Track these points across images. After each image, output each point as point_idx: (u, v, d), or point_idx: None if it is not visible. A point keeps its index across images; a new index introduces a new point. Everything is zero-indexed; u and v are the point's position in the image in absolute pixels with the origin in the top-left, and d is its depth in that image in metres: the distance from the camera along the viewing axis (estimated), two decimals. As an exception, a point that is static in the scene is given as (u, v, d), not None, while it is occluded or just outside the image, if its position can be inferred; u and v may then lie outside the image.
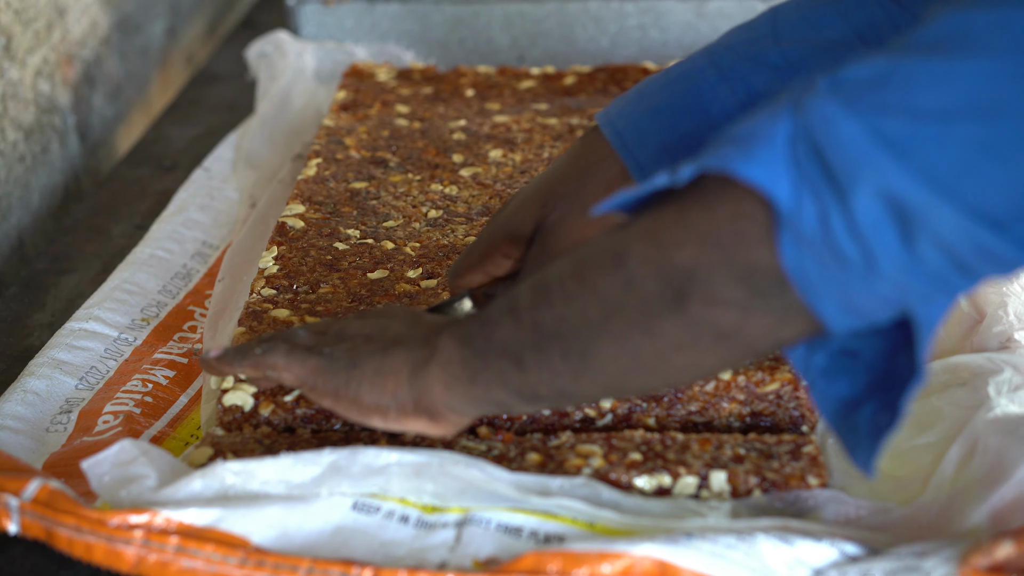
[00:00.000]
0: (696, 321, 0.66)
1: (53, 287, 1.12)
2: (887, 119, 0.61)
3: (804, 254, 0.63)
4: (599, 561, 0.73)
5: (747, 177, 0.63)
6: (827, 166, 0.62)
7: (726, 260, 0.65)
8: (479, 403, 0.75)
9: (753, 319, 0.66)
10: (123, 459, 0.80)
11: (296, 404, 0.87)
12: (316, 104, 1.31)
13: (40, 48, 1.29)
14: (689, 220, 0.66)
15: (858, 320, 0.66)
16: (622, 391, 0.77)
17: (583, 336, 0.69)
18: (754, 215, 0.64)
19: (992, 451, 0.79)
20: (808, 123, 0.63)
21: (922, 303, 0.65)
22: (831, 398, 0.72)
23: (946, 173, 0.61)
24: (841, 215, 0.62)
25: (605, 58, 1.36)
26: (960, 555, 0.72)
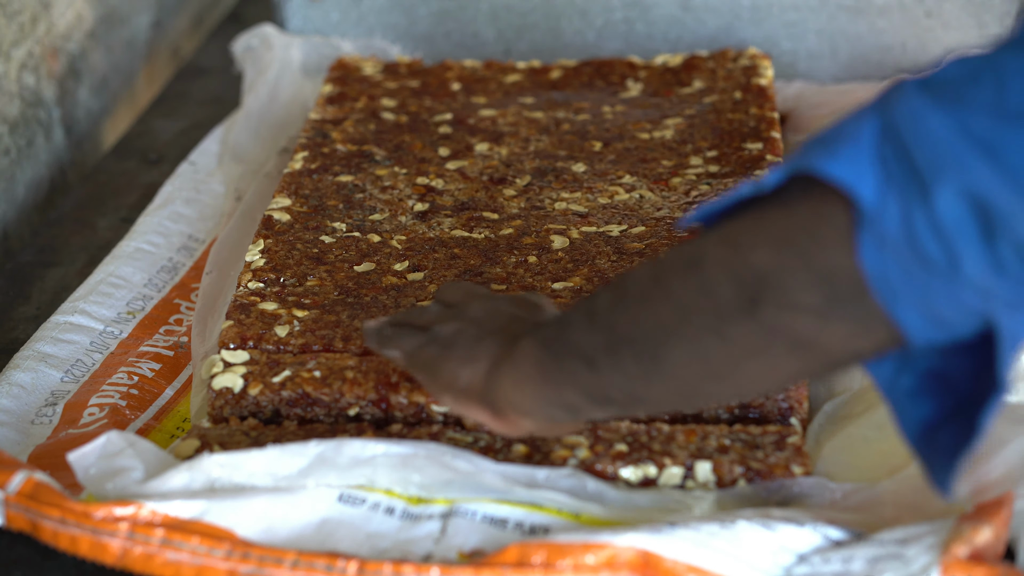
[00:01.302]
0: (770, 327, 0.64)
1: (38, 280, 1.11)
2: (976, 115, 0.59)
3: (886, 256, 0.61)
4: (583, 552, 0.73)
5: (830, 175, 0.61)
6: (912, 162, 0.60)
7: (803, 263, 0.63)
8: (549, 404, 0.73)
9: (830, 327, 0.63)
10: (110, 451, 0.80)
11: (282, 386, 0.87)
12: (302, 98, 1.31)
13: (25, 41, 1.29)
14: (767, 223, 0.64)
15: (939, 330, 0.63)
16: (693, 398, 0.74)
17: (656, 339, 0.68)
18: (834, 216, 0.62)
19: None
20: (895, 119, 0.61)
21: (1006, 312, 0.62)
22: (916, 421, 0.69)
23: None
24: (924, 213, 0.60)
25: (591, 52, 1.36)
26: (941, 543, 0.72)
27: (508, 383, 0.74)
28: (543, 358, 0.73)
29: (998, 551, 0.74)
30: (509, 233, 1.02)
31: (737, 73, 1.22)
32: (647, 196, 1.06)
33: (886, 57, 1.32)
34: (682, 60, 1.26)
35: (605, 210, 1.05)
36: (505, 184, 1.09)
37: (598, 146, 1.14)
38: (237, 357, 0.89)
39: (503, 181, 1.09)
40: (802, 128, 1.24)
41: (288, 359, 0.89)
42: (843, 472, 0.83)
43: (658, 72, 1.25)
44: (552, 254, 0.99)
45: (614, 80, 1.24)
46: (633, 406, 0.72)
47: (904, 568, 0.72)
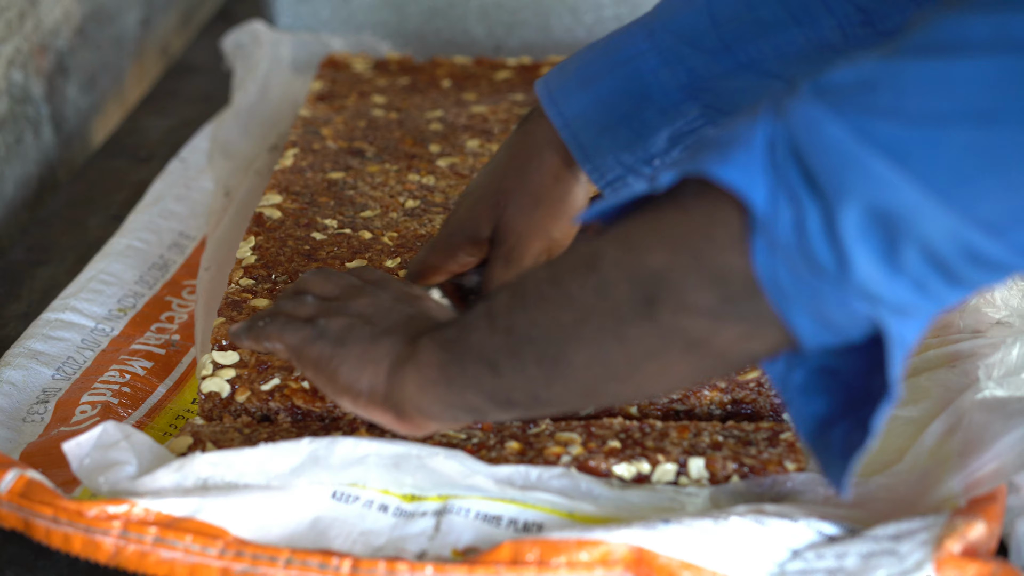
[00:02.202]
0: (666, 328, 0.65)
1: (29, 278, 1.11)
2: (878, 122, 0.60)
3: (777, 261, 0.62)
4: (577, 549, 0.73)
5: (722, 179, 0.62)
6: (808, 171, 0.61)
7: (697, 265, 0.64)
8: (453, 408, 0.74)
9: (724, 328, 0.64)
10: (105, 442, 0.80)
11: (271, 396, 0.87)
12: (292, 95, 1.31)
13: (12, 38, 1.28)
14: (662, 224, 0.65)
15: (831, 335, 0.64)
16: (595, 398, 0.75)
17: (556, 341, 0.68)
18: (728, 219, 0.63)
19: (976, 426, 0.79)
20: (790, 127, 0.61)
21: (895, 319, 0.63)
22: (808, 416, 0.71)
23: (942, 177, 0.59)
24: (820, 221, 0.61)
25: (581, 49, 1.36)
26: (935, 539, 0.73)
27: (412, 387, 0.74)
28: (445, 361, 0.73)
29: (991, 546, 0.74)
30: (501, 230, 1.02)
31: (727, 69, 1.22)
32: (638, 192, 1.06)
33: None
34: (672, 56, 1.26)
35: (596, 206, 1.05)
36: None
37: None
38: (227, 358, 0.89)
39: (494, 178, 1.09)
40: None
41: (277, 361, 0.89)
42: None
43: (648, 68, 1.25)
44: (544, 251, 0.99)
45: (605, 77, 1.24)
46: (535, 407, 0.72)
47: (898, 564, 0.72)
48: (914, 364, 0.89)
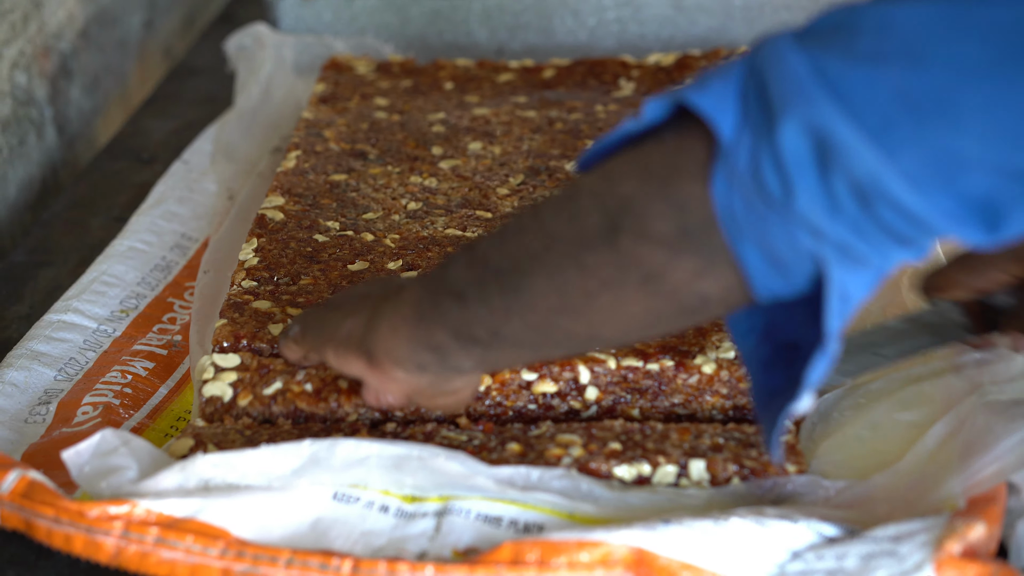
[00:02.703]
0: (625, 256, 0.66)
1: (31, 280, 1.11)
2: (831, 58, 0.61)
3: (733, 190, 0.63)
4: (577, 549, 0.73)
5: (696, 105, 0.64)
6: (767, 97, 0.62)
7: (661, 193, 0.64)
8: (419, 346, 0.74)
9: (679, 260, 0.65)
10: (104, 449, 0.80)
11: (273, 400, 0.87)
12: (295, 97, 1.31)
13: (16, 40, 1.29)
14: (639, 155, 0.66)
15: (779, 276, 0.64)
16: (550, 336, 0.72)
17: (521, 269, 0.69)
18: (695, 149, 0.64)
19: (979, 428, 0.79)
20: (759, 57, 0.63)
21: (837, 259, 0.63)
22: (765, 389, 0.71)
23: (872, 117, 0.60)
24: (768, 146, 0.62)
25: (584, 51, 1.36)
26: (935, 540, 0.73)
27: (385, 327, 0.75)
28: (421, 298, 0.74)
29: (991, 548, 0.74)
30: (502, 232, 1.02)
31: (730, 72, 1.22)
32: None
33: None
34: (675, 59, 1.26)
35: (598, 209, 1.05)
36: (498, 183, 1.09)
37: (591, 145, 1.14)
38: (228, 361, 0.89)
39: (496, 180, 1.09)
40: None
41: (279, 365, 0.88)
42: (837, 471, 0.83)
43: (651, 71, 1.25)
44: (545, 253, 0.99)
45: (607, 79, 1.24)
46: (494, 346, 0.72)
47: (898, 565, 0.72)
48: (919, 372, 0.89)
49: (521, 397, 0.87)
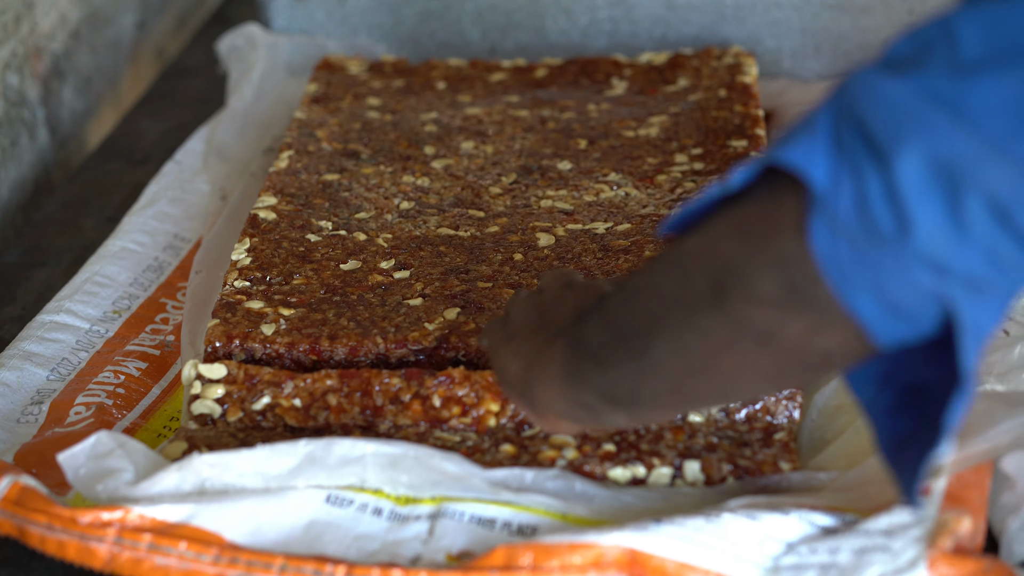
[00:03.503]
0: (736, 318, 0.64)
1: (24, 280, 1.11)
2: (934, 76, 0.58)
3: (837, 238, 0.60)
4: (570, 552, 0.73)
5: (783, 161, 0.61)
6: (868, 134, 0.59)
7: (761, 251, 0.62)
8: (572, 404, 0.73)
9: (790, 319, 0.62)
10: (99, 451, 0.80)
11: (262, 415, 0.87)
12: (287, 97, 1.31)
13: (8, 41, 1.28)
14: (734, 215, 0.64)
15: (898, 319, 0.61)
16: (684, 397, 0.70)
17: (644, 333, 0.67)
18: (790, 204, 0.61)
19: (976, 412, 0.79)
20: (849, 97, 0.60)
21: (965, 296, 0.60)
22: (892, 436, 0.69)
23: (998, 126, 0.57)
24: (880, 183, 0.59)
25: (576, 51, 1.36)
26: (926, 535, 0.73)
27: (538, 383, 0.74)
28: (567, 358, 0.72)
29: (977, 542, 0.74)
30: (495, 231, 1.02)
31: (722, 71, 1.22)
32: (632, 194, 1.06)
33: (869, 55, 1.31)
34: (667, 58, 1.26)
35: (591, 208, 1.05)
36: (491, 182, 1.09)
37: (583, 144, 1.14)
38: (214, 372, 0.88)
39: (489, 179, 1.09)
40: (786, 125, 1.25)
41: (266, 375, 0.88)
42: (835, 463, 0.83)
43: (643, 70, 1.25)
44: (538, 252, 0.99)
45: (599, 78, 1.24)
46: (636, 408, 0.71)
47: (891, 561, 0.72)
48: None
49: None
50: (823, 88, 1.27)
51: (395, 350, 0.90)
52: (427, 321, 0.92)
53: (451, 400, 0.86)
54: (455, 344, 0.90)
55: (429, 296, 0.95)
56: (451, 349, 0.90)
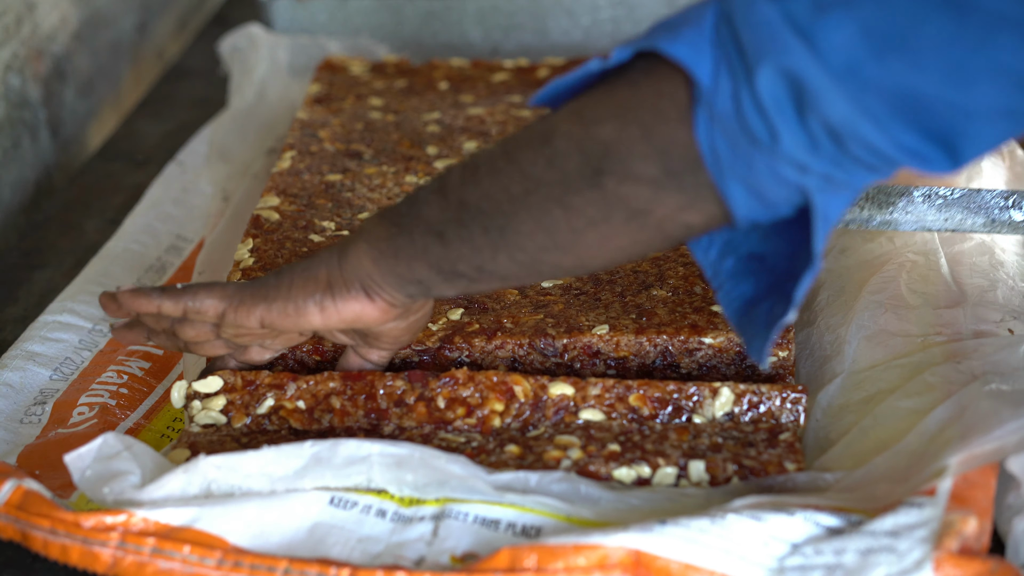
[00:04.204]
0: (610, 196, 0.69)
1: (26, 282, 1.11)
2: (798, 4, 0.64)
3: (716, 131, 0.66)
4: (574, 554, 0.73)
5: (672, 54, 0.66)
6: (741, 45, 0.65)
7: (644, 136, 0.67)
8: (403, 281, 0.77)
9: (664, 198, 0.68)
10: (106, 453, 0.79)
11: (267, 418, 0.87)
12: (290, 98, 1.31)
13: (9, 42, 1.28)
14: (614, 98, 0.69)
15: (761, 206, 0.68)
16: (537, 270, 0.76)
17: (504, 211, 0.72)
18: (675, 93, 0.67)
19: (981, 412, 0.80)
20: (731, 5, 0.66)
21: (820, 189, 0.67)
22: (736, 299, 0.75)
23: (838, 58, 0.63)
24: (748, 92, 0.65)
25: (578, 51, 1.36)
26: (932, 535, 0.72)
27: (367, 261, 0.77)
28: (394, 234, 0.76)
29: (983, 542, 0.74)
30: (498, 232, 1.02)
31: (725, 71, 1.22)
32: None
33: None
34: (669, 58, 1.26)
35: (594, 208, 1.05)
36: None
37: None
38: (209, 386, 0.88)
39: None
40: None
41: (266, 379, 0.88)
42: (840, 463, 0.83)
43: (646, 71, 1.25)
44: (542, 252, 0.99)
45: (602, 79, 1.24)
46: (480, 279, 0.75)
47: (898, 562, 0.72)
48: (918, 359, 0.89)
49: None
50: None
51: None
52: (430, 321, 0.92)
53: (455, 401, 0.86)
54: (459, 345, 0.90)
55: (432, 297, 0.94)
56: (455, 350, 0.90)
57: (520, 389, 0.86)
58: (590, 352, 0.89)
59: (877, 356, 0.90)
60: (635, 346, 0.89)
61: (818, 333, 0.94)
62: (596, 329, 0.89)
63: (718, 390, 0.85)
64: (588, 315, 0.91)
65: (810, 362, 0.93)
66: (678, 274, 0.95)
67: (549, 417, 0.85)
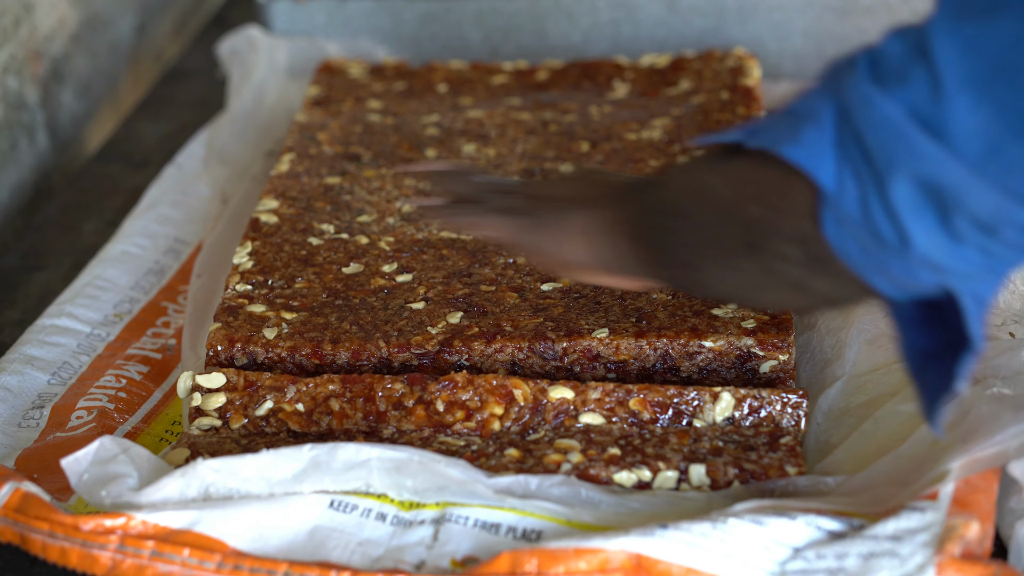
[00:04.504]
0: (769, 269, 0.69)
1: (24, 284, 1.11)
2: (918, 92, 0.62)
3: (845, 234, 0.65)
4: (575, 558, 0.73)
5: (793, 160, 0.66)
6: (866, 149, 0.64)
7: (784, 224, 0.68)
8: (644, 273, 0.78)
9: (816, 279, 0.68)
10: (103, 456, 0.79)
11: (265, 421, 0.87)
12: (288, 100, 1.31)
13: (7, 44, 1.28)
14: (757, 177, 0.69)
15: (911, 293, 0.67)
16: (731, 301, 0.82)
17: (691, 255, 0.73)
18: (801, 189, 0.66)
19: (983, 416, 0.79)
20: (848, 105, 0.64)
21: (965, 281, 0.66)
22: (913, 348, 0.73)
23: (976, 149, 0.61)
24: (878, 198, 0.64)
25: (577, 53, 1.36)
26: (934, 539, 0.72)
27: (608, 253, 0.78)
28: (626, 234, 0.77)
29: (986, 547, 0.74)
30: (498, 235, 1.02)
31: (724, 73, 1.22)
32: (636, 197, 1.06)
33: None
34: (669, 61, 1.26)
35: (594, 211, 1.04)
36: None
37: (586, 147, 1.13)
38: (213, 381, 0.88)
39: (491, 182, 1.09)
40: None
41: (267, 381, 0.88)
42: (842, 468, 0.83)
43: (645, 73, 1.25)
44: (541, 255, 0.99)
45: (601, 81, 1.24)
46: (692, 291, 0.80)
47: (900, 567, 0.72)
48: None
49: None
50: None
51: (398, 354, 0.90)
52: (430, 325, 0.92)
53: (455, 405, 0.86)
54: (458, 348, 0.90)
55: (432, 300, 0.94)
56: (454, 353, 0.90)
57: (520, 393, 0.86)
58: (590, 356, 0.89)
59: (878, 360, 0.90)
60: (635, 350, 0.89)
61: (818, 337, 0.94)
62: (596, 332, 0.89)
63: (719, 395, 0.85)
64: (588, 318, 0.91)
65: (811, 366, 0.93)
66: (678, 277, 0.95)
67: (549, 421, 0.85)
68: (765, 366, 0.88)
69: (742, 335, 0.88)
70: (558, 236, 0.80)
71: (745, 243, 0.69)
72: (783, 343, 0.88)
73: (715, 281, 0.73)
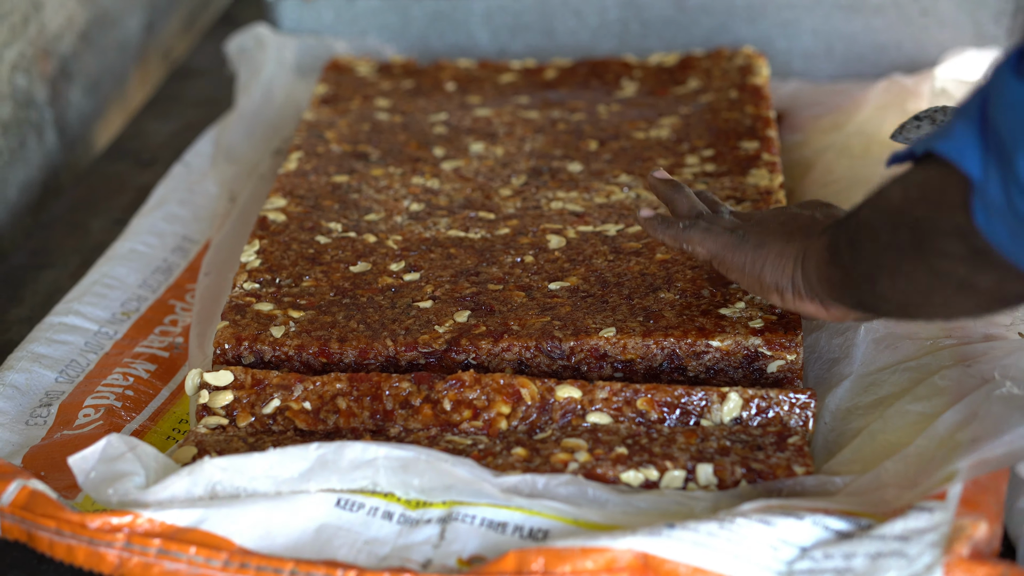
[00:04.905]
0: (935, 269, 0.70)
1: (31, 282, 1.11)
2: None
3: (994, 220, 0.66)
4: (582, 557, 0.73)
5: (943, 153, 0.68)
6: (998, 131, 0.65)
7: (944, 220, 0.69)
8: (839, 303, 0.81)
9: (980, 273, 0.69)
10: (110, 454, 0.79)
11: (272, 419, 0.87)
12: (296, 98, 1.31)
13: (16, 42, 1.28)
14: (922, 178, 0.71)
15: None
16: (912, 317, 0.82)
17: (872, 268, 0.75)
18: (953, 183, 0.68)
19: (992, 417, 0.80)
20: (990, 94, 0.66)
21: None
22: None
23: None
24: (1013, 180, 0.65)
25: (586, 51, 1.36)
26: (942, 540, 0.72)
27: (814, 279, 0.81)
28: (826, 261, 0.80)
29: (994, 547, 0.74)
30: (505, 233, 1.02)
31: (732, 72, 1.22)
32: (643, 195, 1.06)
33: (881, 56, 1.31)
34: (677, 59, 1.26)
35: (601, 209, 1.04)
36: (501, 184, 1.08)
37: (594, 145, 1.13)
38: (220, 379, 0.88)
39: (498, 181, 1.09)
40: (798, 127, 1.24)
41: (274, 379, 0.88)
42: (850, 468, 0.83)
43: (653, 71, 1.24)
44: (549, 254, 0.99)
45: (609, 79, 1.24)
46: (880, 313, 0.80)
47: (908, 567, 0.71)
48: (928, 363, 0.89)
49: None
50: (835, 90, 1.27)
51: (405, 353, 0.90)
52: (437, 324, 0.91)
53: (462, 403, 0.86)
54: (465, 347, 0.90)
55: (439, 298, 0.94)
56: (461, 352, 0.90)
57: (527, 392, 0.86)
58: (597, 355, 0.89)
59: (886, 359, 0.90)
60: (642, 349, 0.89)
61: (827, 336, 0.94)
62: (603, 332, 0.89)
63: (726, 395, 0.85)
64: (595, 318, 0.91)
65: (819, 365, 0.93)
66: (685, 277, 0.94)
67: (556, 420, 0.85)
68: (773, 366, 0.88)
69: (749, 335, 0.88)
70: (760, 258, 0.84)
71: (911, 244, 0.71)
72: (791, 343, 0.88)
73: (889, 291, 0.74)
